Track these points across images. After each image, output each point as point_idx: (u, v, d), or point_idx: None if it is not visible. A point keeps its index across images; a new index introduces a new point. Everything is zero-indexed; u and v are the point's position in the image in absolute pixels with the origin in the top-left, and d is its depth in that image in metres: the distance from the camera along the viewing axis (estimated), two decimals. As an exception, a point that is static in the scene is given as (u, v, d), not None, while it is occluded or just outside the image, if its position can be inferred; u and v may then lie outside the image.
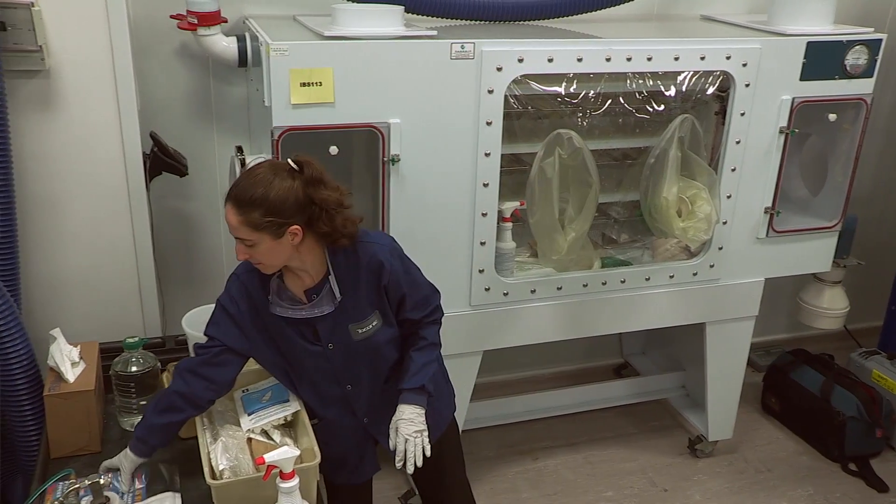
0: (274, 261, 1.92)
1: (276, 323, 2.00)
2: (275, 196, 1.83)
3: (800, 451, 3.65)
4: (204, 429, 1.96)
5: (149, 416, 1.95)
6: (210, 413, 2.03)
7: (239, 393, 2.10)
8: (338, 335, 2.03)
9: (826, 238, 3.23)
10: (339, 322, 2.02)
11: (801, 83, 2.89)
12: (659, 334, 3.73)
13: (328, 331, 2.02)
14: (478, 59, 2.49)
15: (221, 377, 1.98)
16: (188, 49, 2.86)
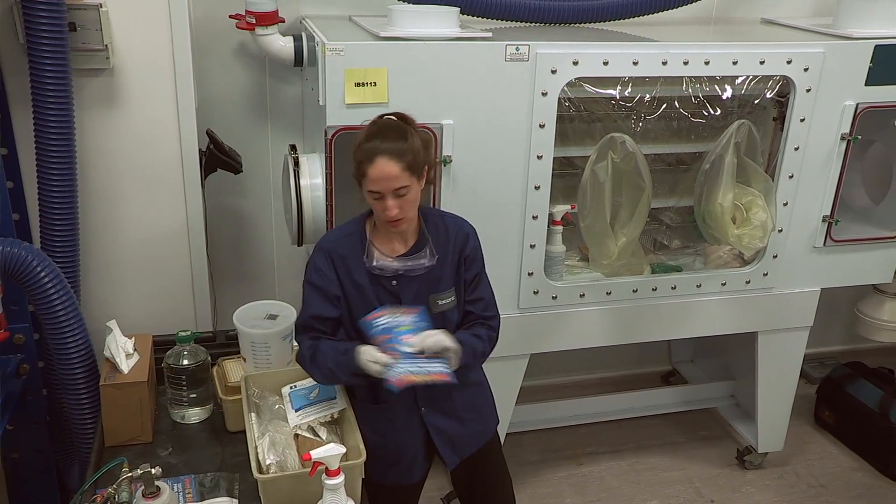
0: (414, 210, 2.01)
1: (359, 290, 2.02)
2: (416, 140, 1.96)
3: (855, 468, 3.55)
4: (252, 423, 1.98)
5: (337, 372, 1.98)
6: (258, 408, 2.06)
7: (287, 389, 2.12)
8: (411, 301, 2.05)
9: (888, 248, 3.14)
10: (423, 291, 2.06)
11: (866, 88, 2.81)
12: (709, 342, 3.67)
13: (411, 299, 2.05)
14: (532, 62, 2.48)
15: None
16: (246, 48, 2.91)
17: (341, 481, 1.77)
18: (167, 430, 2.23)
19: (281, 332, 2.23)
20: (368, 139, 1.94)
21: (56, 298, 2.20)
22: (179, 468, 2.06)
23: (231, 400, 2.15)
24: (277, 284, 3.28)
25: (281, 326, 2.25)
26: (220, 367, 2.30)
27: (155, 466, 1.78)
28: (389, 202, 1.93)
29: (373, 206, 1.99)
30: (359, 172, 1.95)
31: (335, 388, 2.13)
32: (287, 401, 2.09)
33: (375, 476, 2.09)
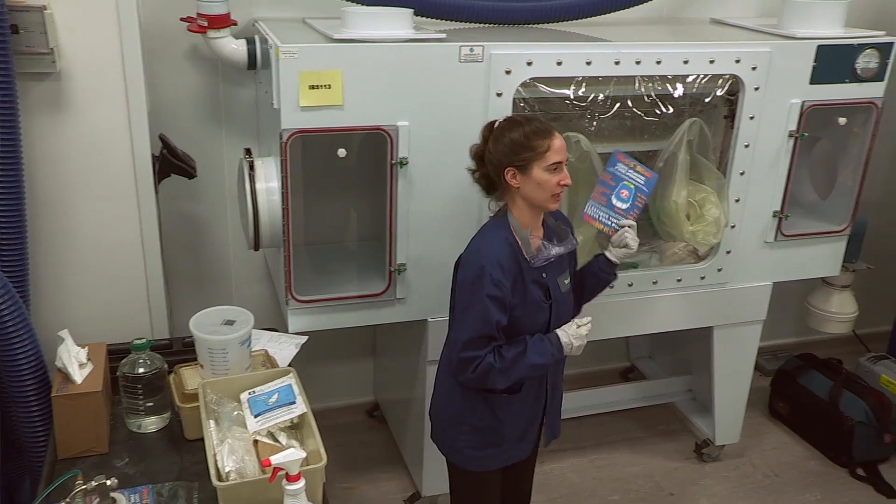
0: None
1: (521, 293, 2.17)
2: None
3: (808, 456, 3.63)
4: (210, 430, 1.96)
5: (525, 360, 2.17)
6: (217, 415, 2.03)
7: (246, 395, 2.10)
8: (554, 288, 2.24)
9: (835, 242, 3.22)
10: (552, 274, 2.24)
11: (811, 87, 2.88)
12: (666, 338, 3.72)
13: (554, 286, 2.25)
14: (487, 62, 2.49)
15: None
16: (198, 52, 2.87)
17: (302, 486, 1.76)
18: (123, 440, 2.18)
19: (239, 338, 2.21)
20: (527, 123, 2.13)
21: (4, 309, 2.15)
22: (136, 478, 2.02)
23: (189, 407, 2.13)
24: (234, 289, 3.25)
25: (239, 332, 2.22)
26: (177, 375, 2.27)
27: (110, 478, 1.75)
28: (566, 170, 2.14)
29: (546, 184, 2.12)
30: (535, 150, 2.10)
31: (294, 393, 2.11)
32: (246, 407, 2.07)
33: (490, 463, 2.33)
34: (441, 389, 2.38)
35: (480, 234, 2.25)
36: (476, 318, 2.12)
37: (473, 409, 2.29)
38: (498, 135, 2.15)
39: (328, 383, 3.62)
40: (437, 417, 2.41)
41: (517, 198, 2.18)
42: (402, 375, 3.24)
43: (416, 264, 2.66)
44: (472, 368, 2.15)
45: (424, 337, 2.81)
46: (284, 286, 2.57)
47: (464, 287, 2.16)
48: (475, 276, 2.12)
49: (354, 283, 2.74)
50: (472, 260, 2.15)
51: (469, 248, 2.22)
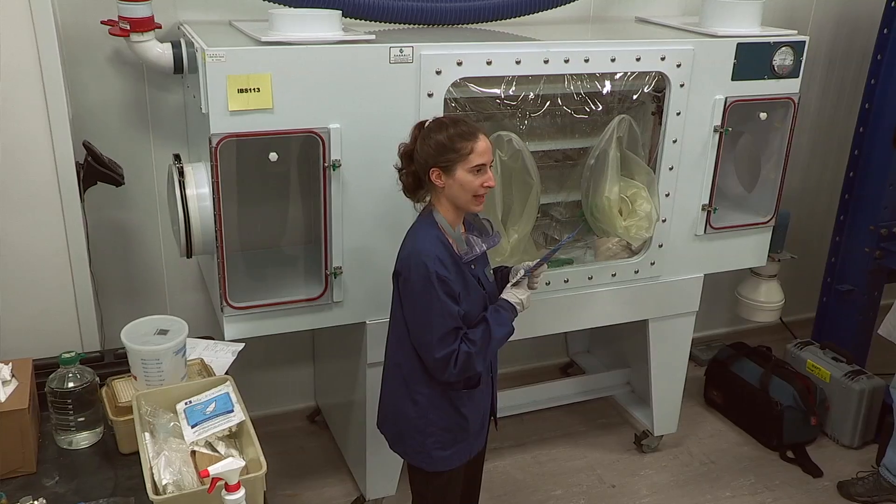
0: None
1: (462, 283, 2.23)
2: None
3: (741, 442, 3.74)
4: (146, 443, 1.91)
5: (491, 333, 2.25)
6: (152, 427, 1.99)
7: (182, 405, 2.05)
8: (484, 280, 2.33)
9: (761, 233, 3.33)
10: (479, 267, 2.32)
11: (732, 83, 2.97)
12: (603, 332, 3.78)
13: (484, 277, 2.33)
14: (417, 63, 2.49)
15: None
16: (122, 56, 2.80)
17: (242, 496, 1.73)
18: (53, 458, 2.11)
19: (173, 347, 2.16)
20: (452, 125, 2.17)
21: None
22: (68, 497, 1.96)
23: (122, 421, 2.08)
24: (168, 298, 3.19)
25: (173, 341, 2.17)
26: (110, 388, 2.21)
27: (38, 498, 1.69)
28: (490, 172, 2.20)
29: (469, 185, 2.17)
30: (458, 152, 2.14)
31: (232, 401, 2.07)
32: (182, 417, 2.03)
33: (456, 460, 2.37)
34: (395, 397, 2.38)
35: (412, 235, 2.26)
36: (438, 316, 2.17)
37: (438, 411, 2.32)
38: (425, 135, 2.19)
39: (267, 390, 3.58)
40: (394, 425, 2.41)
41: (442, 197, 2.23)
42: (342, 379, 3.22)
43: (353, 267, 2.65)
44: (452, 364, 2.20)
45: (363, 339, 2.80)
46: (219, 293, 2.53)
47: (414, 294, 2.19)
48: (423, 279, 2.15)
49: (291, 287, 2.71)
50: (414, 263, 2.17)
51: (404, 251, 2.23)
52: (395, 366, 2.35)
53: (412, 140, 2.23)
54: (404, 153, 2.25)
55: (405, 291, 2.22)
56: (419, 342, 2.23)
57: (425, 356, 2.23)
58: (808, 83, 3.97)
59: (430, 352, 2.20)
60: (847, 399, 3.65)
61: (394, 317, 2.33)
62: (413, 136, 2.23)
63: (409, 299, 2.22)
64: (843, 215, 3.94)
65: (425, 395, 2.30)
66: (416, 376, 2.29)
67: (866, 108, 3.76)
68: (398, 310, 2.28)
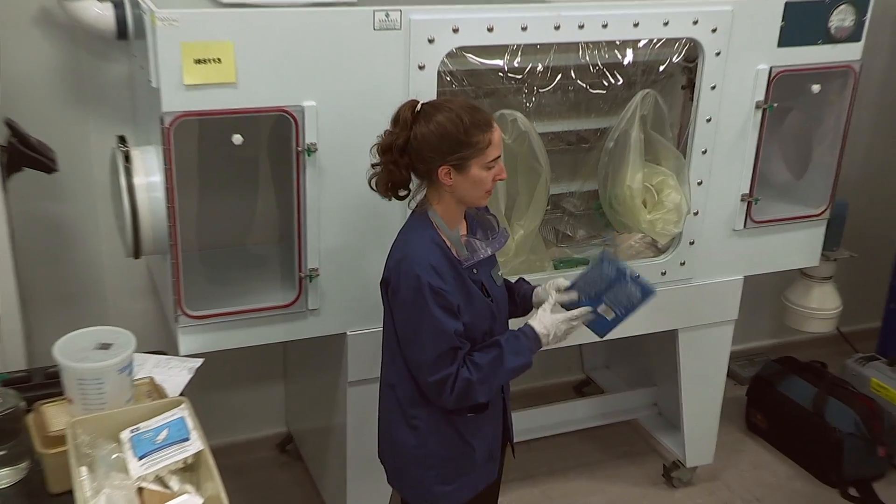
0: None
1: (464, 293, 2.25)
2: None
3: (791, 476, 3.77)
4: (82, 480, 1.93)
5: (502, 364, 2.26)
6: (91, 460, 2.01)
7: (127, 433, 2.06)
8: (490, 285, 2.35)
9: (813, 228, 3.35)
10: (484, 269, 2.34)
11: (779, 50, 2.99)
12: (625, 345, 3.80)
13: (489, 282, 2.34)
14: (405, 30, 2.51)
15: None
16: (51, 17, 2.81)
17: (199, 539, 1.76)
18: (-28, 494, 2.13)
19: (117, 365, 2.17)
20: (465, 112, 2.16)
21: None
22: (-18, 554, 1.97)
23: (53, 453, 2.06)
24: (111, 306, 3.21)
25: (117, 357, 2.18)
26: (38, 414, 2.20)
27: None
28: (501, 163, 2.22)
29: (483, 182, 2.20)
30: (475, 147, 2.15)
31: (188, 427, 2.10)
32: (128, 448, 2.04)
33: (460, 495, 2.38)
34: (390, 424, 2.40)
35: (402, 238, 2.28)
36: (431, 334, 2.18)
37: (439, 439, 2.33)
38: (428, 123, 2.16)
39: (231, 414, 3.60)
40: (392, 458, 2.44)
41: (445, 195, 2.24)
42: (318, 400, 3.25)
43: (331, 269, 2.67)
44: (448, 389, 2.20)
45: (343, 353, 2.83)
46: (173, 300, 2.55)
47: (405, 307, 2.20)
48: (414, 291, 2.17)
49: (258, 293, 2.73)
50: (403, 271, 2.19)
51: (392, 256, 2.26)
52: (388, 387, 2.37)
53: (403, 126, 2.18)
54: (391, 145, 2.20)
55: (395, 303, 2.24)
56: (411, 361, 2.26)
57: (418, 377, 2.25)
58: (873, 48, 3.96)
59: (422, 374, 2.22)
60: (922, 425, 3.68)
61: (385, 330, 2.35)
62: (403, 120, 2.18)
63: (399, 313, 2.24)
64: (913, 205, 3.96)
65: (424, 420, 2.31)
66: (412, 398, 2.31)
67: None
68: (389, 322, 2.31)
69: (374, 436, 2.79)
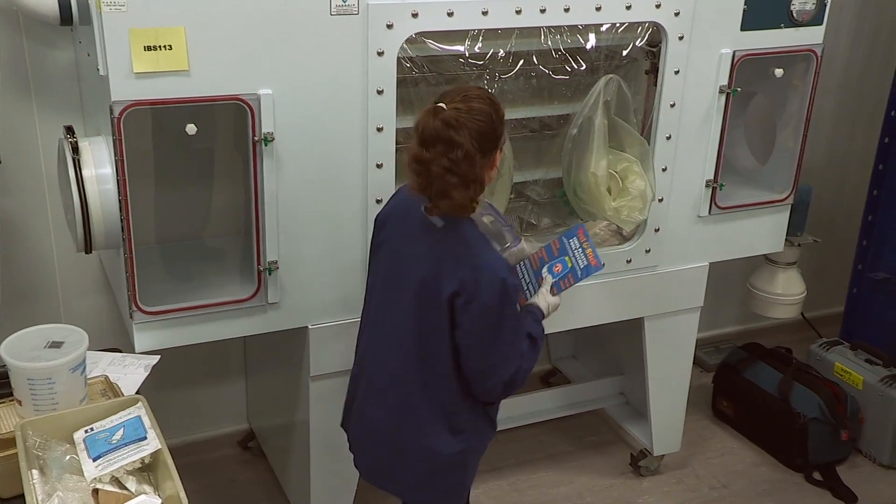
0: None
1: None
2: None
3: (758, 462, 3.81)
4: (33, 483, 1.90)
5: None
6: (42, 462, 1.98)
7: (81, 434, 2.05)
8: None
9: (777, 213, 3.38)
10: None
11: (742, 34, 3.00)
12: (591, 334, 3.82)
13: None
14: (363, 15, 2.49)
15: None
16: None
17: (157, 541, 1.73)
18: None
19: (69, 363, 2.14)
20: (483, 93, 2.25)
21: None
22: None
23: (2, 457, 2.04)
24: (62, 303, 3.18)
25: (69, 356, 2.16)
26: (-14, 419, 2.19)
27: None
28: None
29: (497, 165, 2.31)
30: (503, 137, 2.29)
31: (144, 426, 2.07)
32: (82, 449, 2.02)
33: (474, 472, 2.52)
34: (425, 437, 2.38)
35: (462, 244, 2.24)
36: (513, 334, 2.30)
37: (480, 435, 2.46)
38: (467, 118, 2.13)
39: (190, 412, 3.58)
40: (422, 469, 2.42)
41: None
42: (280, 396, 3.23)
43: (291, 261, 2.66)
44: (516, 384, 2.35)
45: (305, 348, 2.81)
46: (127, 295, 2.52)
47: (487, 313, 2.23)
48: (500, 295, 2.23)
49: (216, 287, 2.71)
50: (485, 278, 2.20)
51: (462, 266, 2.22)
52: (426, 395, 2.36)
53: (462, 138, 2.11)
54: (458, 160, 2.11)
55: (470, 312, 2.23)
56: (483, 366, 2.30)
57: (486, 380, 2.32)
58: (835, 32, 4.02)
59: (497, 374, 2.30)
60: (885, 409, 3.73)
61: (426, 342, 2.32)
62: (450, 129, 2.11)
63: (477, 321, 2.24)
64: (876, 189, 4.01)
65: (470, 421, 2.40)
66: (456, 404, 2.37)
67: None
68: (435, 333, 2.28)
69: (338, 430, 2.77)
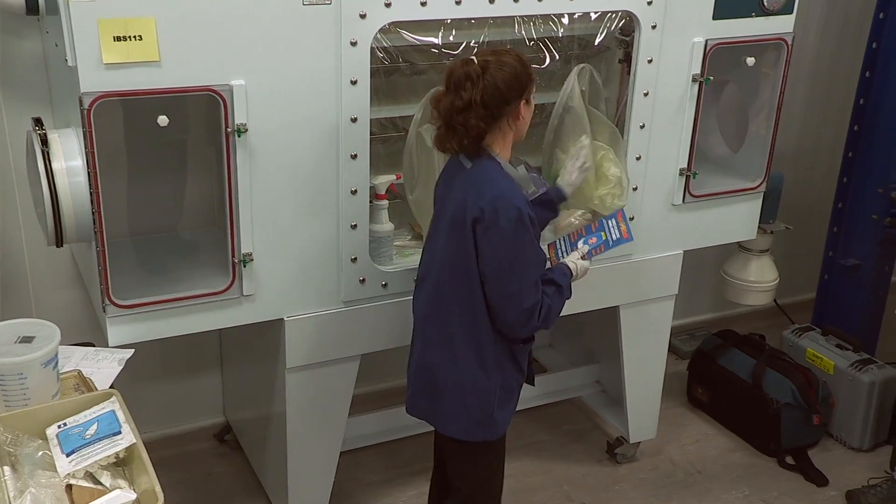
0: None
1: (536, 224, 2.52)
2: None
3: (732, 448, 3.85)
4: (5, 479, 1.88)
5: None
6: (14, 459, 1.96)
7: (54, 429, 2.02)
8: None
9: (750, 201, 3.41)
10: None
11: (714, 23, 3.01)
12: (567, 323, 3.80)
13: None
14: (336, 5, 2.48)
15: None
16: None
17: (133, 536, 1.72)
18: None
19: (41, 358, 2.12)
20: (511, 51, 2.43)
21: None
22: None
23: (-25, 453, 2.03)
24: (33, 298, 3.15)
25: (41, 350, 2.13)
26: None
27: None
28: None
29: (532, 110, 2.47)
30: (531, 79, 2.43)
31: (119, 420, 2.06)
32: (55, 444, 2.00)
33: (509, 419, 2.62)
34: (461, 369, 2.52)
35: (485, 181, 2.40)
36: (528, 263, 2.43)
37: (504, 374, 2.56)
38: (502, 70, 2.34)
39: (165, 405, 3.56)
40: (455, 401, 2.55)
41: (507, 135, 2.45)
42: (256, 389, 3.22)
43: (266, 253, 2.65)
44: (538, 315, 2.45)
45: (281, 340, 2.80)
46: (100, 289, 2.50)
47: (504, 239, 2.37)
48: (516, 222, 2.37)
49: (190, 279, 2.70)
50: (503, 206, 2.35)
51: (482, 196, 2.37)
52: (459, 331, 2.50)
53: (475, 81, 2.33)
54: (470, 101, 2.33)
55: (489, 238, 2.38)
56: (503, 294, 2.42)
57: (508, 308, 2.43)
58: (805, 21, 4.05)
59: (516, 302, 2.41)
60: (855, 393, 3.77)
61: (454, 273, 2.47)
62: (475, 75, 2.33)
63: (495, 247, 2.39)
64: (846, 177, 4.04)
65: (493, 358, 2.52)
66: (486, 338, 2.50)
67: (874, 47, 3.84)
68: (462, 264, 2.43)
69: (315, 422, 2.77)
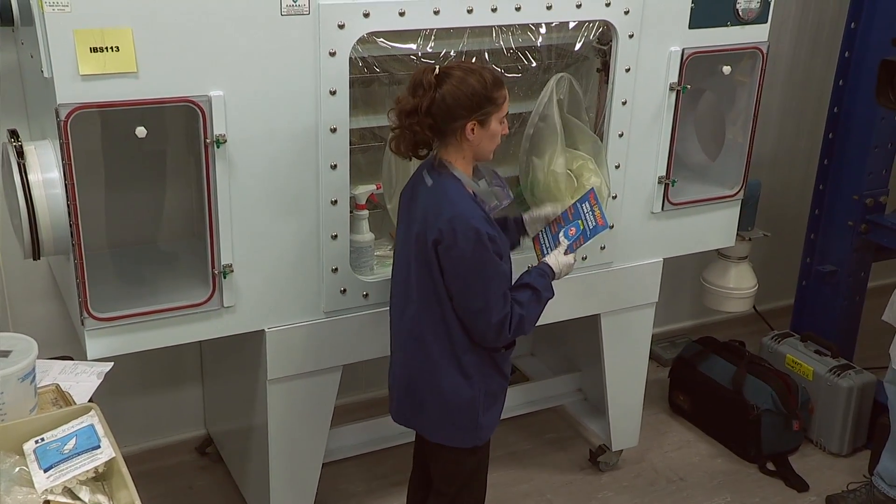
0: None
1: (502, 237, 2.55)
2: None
3: (714, 454, 3.85)
4: (-18, 495, 1.86)
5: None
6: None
7: (31, 445, 2.00)
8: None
9: (728, 208, 3.42)
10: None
11: (690, 32, 3.04)
12: (548, 331, 3.82)
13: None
14: (315, 15, 2.48)
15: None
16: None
17: (111, 552, 1.70)
18: None
19: (17, 373, 2.10)
20: (484, 71, 2.41)
21: None
22: None
23: (-50, 469, 2.00)
24: (10, 311, 3.13)
25: (17, 365, 2.11)
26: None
27: None
28: (505, 124, 2.51)
29: (495, 135, 2.47)
30: (494, 103, 2.41)
31: (98, 434, 2.03)
32: (32, 460, 1.98)
33: (494, 424, 2.67)
34: (439, 376, 2.56)
35: (443, 199, 2.43)
36: (492, 279, 2.45)
37: (486, 381, 2.60)
38: (456, 84, 2.36)
39: (145, 419, 3.54)
40: (437, 408, 2.60)
41: (465, 151, 2.46)
42: (238, 400, 3.21)
43: (246, 264, 2.63)
44: (507, 327, 2.48)
45: (262, 351, 2.79)
46: (78, 302, 2.48)
47: (464, 260, 2.41)
48: (474, 243, 2.40)
49: (170, 291, 2.68)
50: (460, 227, 2.39)
51: (440, 217, 2.40)
52: (418, 341, 2.55)
53: (427, 88, 2.35)
54: (417, 107, 2.37)
55: (449, 259, 2.42)
56: (470, 310, 2.47)
57: (477, 323, 2.48)
58: (779, 30, 4.08)
59: (484, 317, 2.45)
60: (833, 398, 3.78)
61: (420, 286, 2.50)
62: (427, 83, 2.36)
63: (457, 267, 2.43)
64: (822, 184, 4.07)
65: (475, 364, 2.56)
66: (463, 346, 2.53)
67: (846, 56, 3.88)
68: (428, 278, 2.47)
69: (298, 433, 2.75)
